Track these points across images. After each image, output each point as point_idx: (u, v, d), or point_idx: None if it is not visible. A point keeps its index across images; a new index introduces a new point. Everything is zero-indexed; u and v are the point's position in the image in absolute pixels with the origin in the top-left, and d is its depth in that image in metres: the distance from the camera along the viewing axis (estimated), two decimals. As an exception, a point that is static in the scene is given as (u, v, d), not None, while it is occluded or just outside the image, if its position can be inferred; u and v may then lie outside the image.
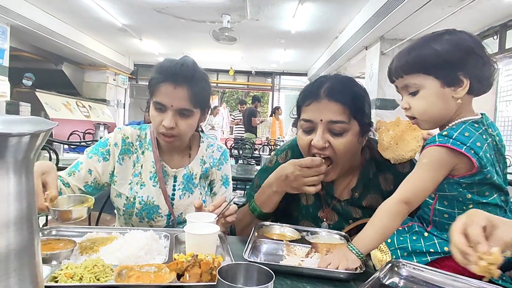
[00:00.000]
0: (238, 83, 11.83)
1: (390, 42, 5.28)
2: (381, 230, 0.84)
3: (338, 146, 1.00)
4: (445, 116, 0.86)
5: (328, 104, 1.00)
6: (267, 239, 1.01)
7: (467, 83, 0.82)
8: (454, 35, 0.84)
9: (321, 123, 1.00)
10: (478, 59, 0.81)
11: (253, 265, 0.55)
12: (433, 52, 0.82)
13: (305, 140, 1.03)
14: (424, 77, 0.84)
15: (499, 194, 0.84)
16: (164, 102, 1.14)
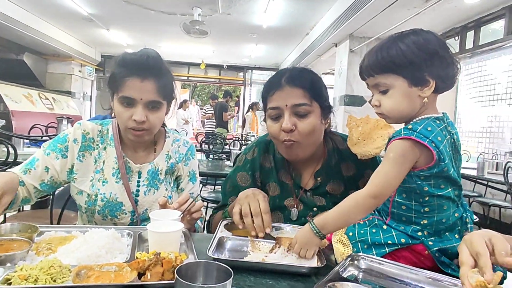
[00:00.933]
0: (209, 77, 11.71)
1: (359, 40, 5.40)
2: (344, 218, 0.88)
3: (303, 128, 1.07)
4: (411, 113, 0.90)
5: (290, 90, 1.08)
6: (232, 236, 1.01)
7: (433, 83, 0.86)
8: (420, 35, 0.87)
9: (287, 108, 1.07)
10: (442, 60, 0.85)
11: (213, 263, 0.56)
12: (401, 53, 0.85)
13: (275, 127, 1.10)
14: (393, 77, 0.87)
15: (453, 188, 0.88)
16: (132, 95, 1.11)
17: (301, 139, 1.08)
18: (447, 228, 0.88)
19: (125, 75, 1.11)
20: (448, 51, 0.87)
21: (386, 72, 0.88)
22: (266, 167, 1.22)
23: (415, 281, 0.82)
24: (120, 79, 1.12)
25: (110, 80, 1.16)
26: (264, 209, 1.02)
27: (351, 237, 0.96)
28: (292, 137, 1.07)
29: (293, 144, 1.08)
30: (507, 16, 4.27)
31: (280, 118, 1.08)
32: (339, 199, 1.12)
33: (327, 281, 0.73)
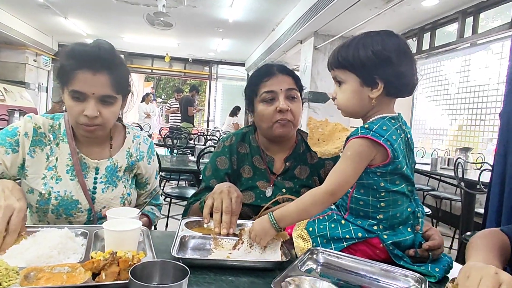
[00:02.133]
0: (174, 70, 11.46)
1: (323, 38, 5.50)
2: (302, 212, 0.91)
3: (296, 109, 1.24)
4: (361, 110, 0.94)
5: (282, 77, 1.25)
6: (195, 233, 1.00)
7: (381, 86, 0.89)
8: (381, 39, 0.90)
9: (281, 91, 1.23)
10: (395, 67, 0.88)
11: (169, 262, 0.55)
12: (357, 54, 0.89)
13: (270, 109, 1.23)
14: (348, 74, 0.92)
15: (407, 184, 0.93)
16: (84, 90, 1.05)
17: (293, 118, 1.23)
18: (401, 222, 0.92)
19: (76, 68, 1.05)
20: (406, 59, 0.90)
21: (342, 68, 0.93)
22: (241, 153, 1.33)
23: (370, 273, 0.86)
24: (70, 71, 1.05)
25: (60, 72, 1.09)
26: (235, 210, 1.06)
27: (311, 232, 0.98)
28: (287, 117, 1.22)
29: (287, 122, 1.22)
30: (460, 20, 4.52)
31: (274, 101, 1.22)
32: (304, 182, 1.28)
33: (285, 276, 0.74)
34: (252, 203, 1.24)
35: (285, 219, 0.92)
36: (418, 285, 0.79)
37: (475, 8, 4.31)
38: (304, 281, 0.75)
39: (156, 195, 1.40)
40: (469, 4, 4.34)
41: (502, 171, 2.03)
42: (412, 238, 0.92)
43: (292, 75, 1.27)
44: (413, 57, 0.92)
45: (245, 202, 1.22)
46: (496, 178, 2.06)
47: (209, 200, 1.08)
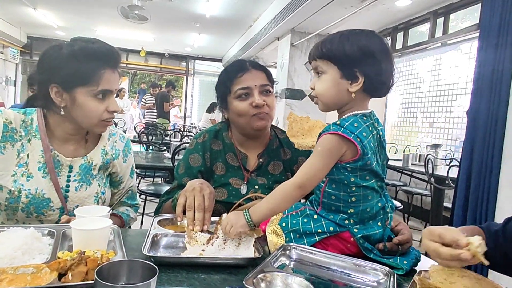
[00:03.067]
0: (150, 65, 11.25)
1: (300, 35, 5.53)
2: (272, 207, 0.92)
3: (271, 103, 1.26)
4: (338, 103, 0.96)
5: (256, 72, 1.27)
6: (168, 231, 0.99)
7: (361, 80, 0.91)
8: (366, 36, 0.92)
9: (256, 87, 1.24)
10: (376, 63, 0.91)
11: (137, 261, 0.54)
12: (341, 47, 0.91)
13: (245, 104, 1.23)
14: (329, 65, 0.93)
15: (376, 180, 0.95)
16: (111, 87, 1.12)
17: (270, 112, 1.26)
18: (371, 217, 0.95)
19: (101, 67, 1.08)
20: (387, 59, 0.92)
21: (324, 58, 0.94)
22: (215, 149, 1.32)
23: (341, 268, 0.87)
24: (95, 71, 1.08)
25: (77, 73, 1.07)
26: (208, 206, 1.05)
27: (284, 228, 0.99)
28: (264, 110, 1.23)
29: (265, 115, 1.24)
30: (431, 21, 4.66)
31: (249, 96, 1.23)
32: (277, 178, 1.28)
33: (257, 272, 0.75)
34: (225, 200, 1.23)
35: (259, 217, 0.92)
36: (387, 278, 0.81)
37: (446, 9, 4.45)
38: (276, 277, 0.75)
39: (133, 195, 1.37)
40: (440, 5, 4.48)
41: (468, 167, 2.12)
42: (381, 232, 0.94)
43: (264, 70, 1.29)
44: (392, 58, 0.95)
45: (217, 199, 1.21)
46: (463, 173, 2.15)
47: (181, 198, 1.06)
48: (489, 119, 2.01)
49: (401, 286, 0.81)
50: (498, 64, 1.97)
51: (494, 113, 1.98)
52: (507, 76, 1.94)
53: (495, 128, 1.97)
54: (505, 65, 1.94)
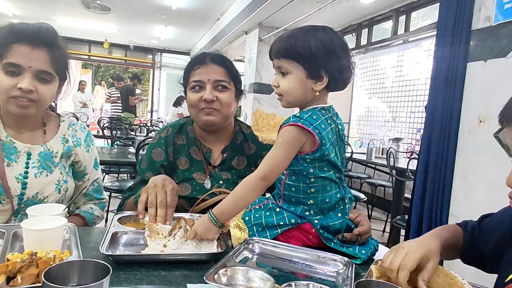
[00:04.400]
0: (114, 58, 10.87)
1: (268, 30, 5.53)
2: (238, 201, 0.92)
3: (223, 98, 1.23)
4: (303, 101, 0.97)
5: (213, 67, 1.23)
6: (128, 229, 0.97)
7: (326, 79, 0.93)
8: (327, 34, 0.93)
9: (209, 82, 1.21)
10: (339, 62, 0.92)
11: (89, 261, 0.52)
12: (307, 46, 0.91)
13: (196, 97, 1.22)
14: (295, 65, 0.93)
15: (335, 171, 0.97)
16: (20, 62, 1.01)
17: (220, 108, 1.22)
18: (330, 208, 0.97)
19: (13, 41, 1.01)
20: (347, 55, 0.94)
21: (290, 58, 0.93)
22: (178, 144, 1.30)
23: (303, 260, 0.89)
24: (5, 44, 1.01)
25: None
26: (170, 203, 1.03)
27: (247, 222, 1.00)
28: (213, 105, 1.21)
29: (213, 111, 1.21)
30: (394, 18, 4.81)
31: (202, 90, 1.21)
32: (242, 173, 1.27)
33: (219, 267, 0.74)
34: (188, 195, 1.22)
35: (225, 213, 0.91)
36: (346, 268, 0.84)
37: (407, 7, 4.61)
38: (238, 272, 0.75)
39: (99, 188, 1.34)
40: (401, 3, 4.63)
41: (426, 160, 2.22)
42: (340, 223, 0.97)
43: (225, 65, 1.25)
44: (350, 53, 0.96)
45: (181, 195, 1.20)
46: (421, 166, 2.25)
47: (143, 195, 1.04)
48: (445, 114, 2.11)
49: (359, 275, 0.84)
50: (453, 62, 2.07)
51: (450, 108, 2.08)
52: (461, 73, 2.04)
53: (450, 123, 2.08)
54: (460, 63, 2.04)
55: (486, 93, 1.91)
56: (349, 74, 0.96)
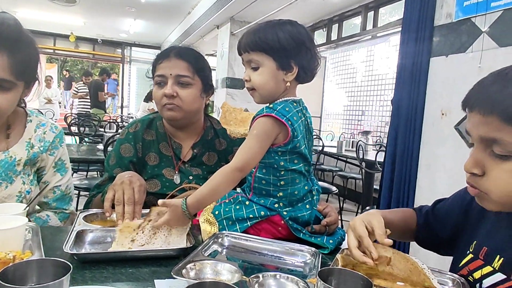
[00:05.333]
0: (81, 52, 10.50)
1: (239, 24, 5.52)
2: (213, 192, 0.91)
3: (184, 96, 1.20)
4: (275, 93, 0.98)
5: (176, 62, 1.21)
6: (94, 227, 0.94)
7: (296, 70, 0.95)
8: (294, 27, 0.95)
9: (171, 77, 1.20)
10: (307, 52, 0.95)
11: (47, 260, 0.51)
12: (276, 38, 0.92)
13: (159, 92, 1.21)
14: (265, 57, 0.94)
15: (304, 164, 1.00)
16: None
17: (182, 104, 1.20)
18: (299, 200, 0.99)
19: None
20: (313, 45, 0.97)
21: (259, 51, 0.94)
22: (147, 139, 1.28)
23: (272, 252, 0.91)
24: None
25: None
26: (138, 199, 1.01)
27: (217, 216, 1.00)
28: (174, 101, 1.19)
29: (175, 107, 1.20)
30: (363, 14, 4.91)
31: (164, 85, 1.20)
32: (212, 169, 1.26)
33: (187, 262, 0.74)
34: (158, 191, 1.21)
35: (199, 203, 0.91)
36: (313, 258, 0.86)
37: (375, 3, 4.71)
38: (206, 266, 0.75)
39: (63, 197, 1.19)
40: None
41: (393, 152, 2.30)
42: (309, 214, 0.99)
43: (190, 60, 1.22)
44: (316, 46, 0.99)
45: (150, 191, 1.19)
46: (388, 158, 2.32)
47: (109, 192, 1.02)
48: (410, 107, 2.19)
49: (326, 264, 0.86)
50: (417, 57, 2.14)
51: (414, 102, 2.16)
52: (425, 67, 2.12)
53: (415, 116, 2.16)
54: (423, 58, 2.12)
55: (448, 87, 2.00)
56: (316, 64, 0.98)
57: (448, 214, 0.90)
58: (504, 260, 0.69)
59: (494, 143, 0.62)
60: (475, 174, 0.66)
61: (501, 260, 0.70)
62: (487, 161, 0.64)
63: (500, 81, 0.62)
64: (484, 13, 1.81)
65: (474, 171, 0.66)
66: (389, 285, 0.72)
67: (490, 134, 0.62)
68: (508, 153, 0.61)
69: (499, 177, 0.63)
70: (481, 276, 0.73)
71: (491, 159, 0.64)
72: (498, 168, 0.63)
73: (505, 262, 0.69)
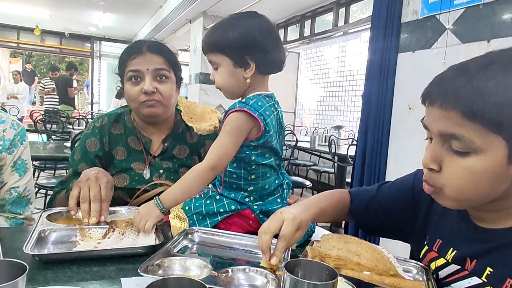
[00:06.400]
0: (48, 46, 10.08)
1: (212, 18, 5.46)
2: (185, 190, 0.92)
3: (164, 90, 1.17)
4: (239, 90, 0.98)
5: (151, 56, 1.16)
6: (58, 226, 0.91)
7: (253, 66, 0.94)
8: (249, 20, 0.93)
9: (148, 72, 1.15)
10: (261, 46, 0.93)
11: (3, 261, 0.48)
12: (226, 37, 0.92)
13: (136, 89, 1.16)
14: (221, 57, 0.94)
15: (275, 158, 1.00)
16: None
17: (163, 99, 1.17)
18: (269, 193, 1.00)
19: None
20: (270, 37, 0.94)
21: (216, 51, 0.94)
22: (114, 134, 1.24)
23: (242, 246, 0.91)
24: None
25: None
26: (105, 196, 0.99)
27: (187, 211, 0.99)
28: (154, 97, 1.15)
29: (156, 103, 1.16)
30: (335, 10, 4.97)
31: (141, 81, 1.15)
32: (184, 162, 1.25)
33: (154, 259, 0.73)
34: (127, 186, 1.18)
35: (172, 202, 0.91)
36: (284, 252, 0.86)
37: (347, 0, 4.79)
38: (174, 262, 0.74)
39: (20, 200, 1.13)
40: (342, -4, 4.80)
41: (363, 145, 2.35)
42: (279, 207, 1.00)
43: (164, 54, 1.19)
44: (277, 34, 0.98)
45: (119, 186, 1.16)
46: (359, 151, 2.37)
47: (74, 189, 0.98)
48: (379, 102, 2.24)
49: (295, 257, 0.87)
50: (385, 53, 2.20)
51: (383, 97, 2.22)
52: (393, 63, 2.18)
53: (384, 110, 2.21)
54: (391, 54, 2.17)
55: (414, 82, 2.06)
56: (278, 55, 0.96)
57: (395, 201, 0.89)
58: (458, 253, 0.70)
59: (453, 138, 0.60)
60: (432, 170, 0.64)
61: (454, 253, 0.71)
62: (445, 157, 0.63)
63: (463, 76, 0.59)
64: (448, 11, 1.88)
65: (432, 167, 0.64)
66: (355, 274, 0.73)
67: (450, 130, 0.60)
68: (466, 150, 0.59)
69: (456, 173, 0.61)
70: (436, 268, 0.74)
71: (448, 155, 0.62)
72: (455, 164, 0.61)
73: (457, 256, 0.70)
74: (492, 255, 0.66)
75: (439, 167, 0.64)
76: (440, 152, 0.63)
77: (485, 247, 0.67)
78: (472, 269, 0.68)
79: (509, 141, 0.57)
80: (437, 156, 0.64)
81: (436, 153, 0.64)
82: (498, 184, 0.61)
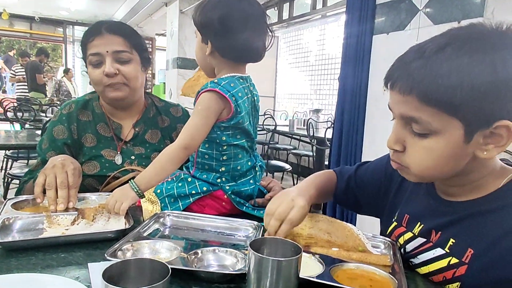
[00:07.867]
0: (16, 30, 9.64)
1: (189, 1, 5.33)
2: (159, 171, 0.92)
3: (127, 72, 1.14)
4: (205, 67, 1.02)
5: (111, 37, 1.13)
6: (23, 213, 0.88)
7: (210, 45, 0.95)
8: (227, 3, 0.92)
9: (108, 54, 1.11)
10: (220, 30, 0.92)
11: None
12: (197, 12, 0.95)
13: (97, 73, 1.13)
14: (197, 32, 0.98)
15: (247, 140, 1.00)
16: None
17: (127, 81, 1.14)
18: (242, 175, 1.00)
19: None
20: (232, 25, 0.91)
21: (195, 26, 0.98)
22: (83, 120, 1.21)
23: (215, 228, 0.90)
24: None
25: None
26: (73, 183, 0.96)
27: (158, 194, 0.99)
28: (118, 80, 1.12)
29: (121, 85, 1.14)
30: (313, -7, 4.94)
31: (102, 64, 1.12)
32: (156, 147, 1.24)
33: (123, 243, 0.72)
34: (97, 173, 1.15)
35: (147, 184, 0.91)
36: (256, 231, 0.87)
37: (324, -18, 4.75)
38: (144, 246, 0.74)
39: None
40: (319, -22, 4.76)
41: (340, 128, 2.38)
42: (252, 189, 1.01)
43: (124, 34, 1.15)
44: (250, 23, 0.93)
45: (89, 173, 1.13)
46: (335, 134, 2.40)
47: (40, 177, 0.95)
48: (355, 84, 2.26)
49: (267, 236, 0.88)
50: (361, 35, 2.20)
51: (359, 79, 2.24)
52: (368, 45, 2.18)
53: (359, 92, 2.23)
54: (366, 36, 2.18)
55: (389, 64, 2.07)
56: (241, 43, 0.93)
57: (370, 181, 0.94)
58: (424, 227, 0.74)
59: (413, 121, 0.63)
60: (397, 150, 0.68)
61: (421, 227, 0.74)
62: (407, 138, 0.66)
63: (419, 59, 0.60)
64: (420, -8, 1.89)
65: (396, 148, 0.67)
66: (324, 251, 0.75)
67: (409, 113, 0.62)
68: (425, 131, 0.62)
69: (418, 153, 0.65)
70: (405, 242, 0.77)
71: (410, 136, 0.65)
72: (416, 145, 0.64)
73: (423, 229, 0.74)
74: (455, 226, 0.69)
75: (403, 148, 0.67)
76: (403, 134, 0.67)
77: (449, 219, 0.70)
78: (436, 241, 0.71)
79: (464, 122, 0.59)
80: (400, 138, 0.67)
81: (399, 134, 0.67)
82: (457, 161, 0.65)
